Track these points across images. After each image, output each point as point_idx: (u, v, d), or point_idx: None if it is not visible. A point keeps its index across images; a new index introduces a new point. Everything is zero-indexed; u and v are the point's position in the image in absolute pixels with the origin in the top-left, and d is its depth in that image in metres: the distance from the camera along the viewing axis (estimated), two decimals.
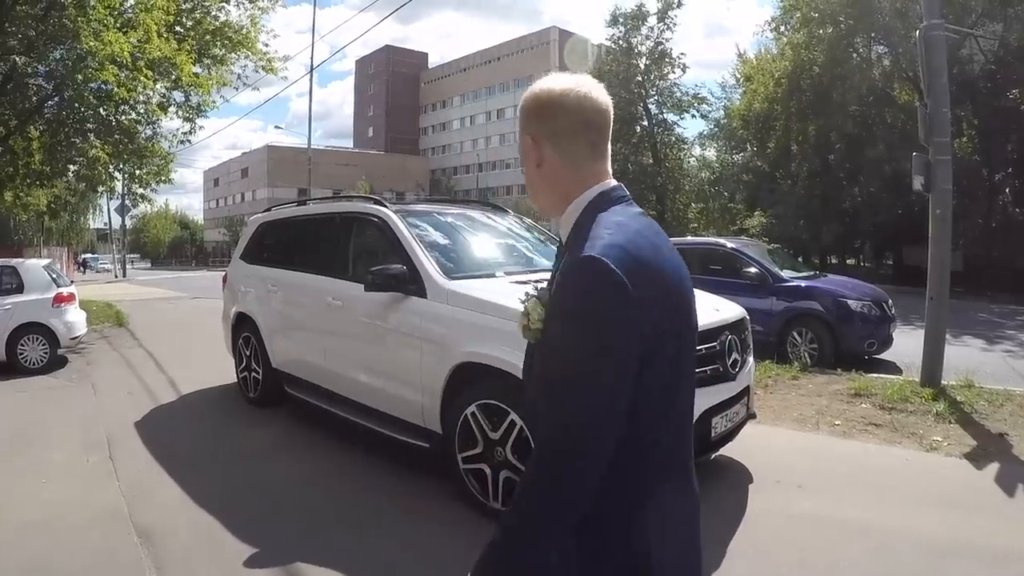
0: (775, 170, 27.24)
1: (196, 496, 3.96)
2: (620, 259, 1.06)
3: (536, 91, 1.25)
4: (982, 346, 10.29)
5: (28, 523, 3.63)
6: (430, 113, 79.54)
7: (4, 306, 8.25)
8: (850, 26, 22.73)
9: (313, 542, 3.40)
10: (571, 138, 1.22)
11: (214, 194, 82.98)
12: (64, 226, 37.88)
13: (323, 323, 5.03)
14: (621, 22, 33.87)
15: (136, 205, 17.24)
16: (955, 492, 4.06)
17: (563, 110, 1.21)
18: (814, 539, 3.40)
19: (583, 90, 1.22)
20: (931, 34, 6.77)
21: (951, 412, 5.56)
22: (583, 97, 1.21)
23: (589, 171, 1.24)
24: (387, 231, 4.53)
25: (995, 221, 21.48)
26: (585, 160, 1.23)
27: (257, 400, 6.05)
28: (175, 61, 12.53)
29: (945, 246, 6.70)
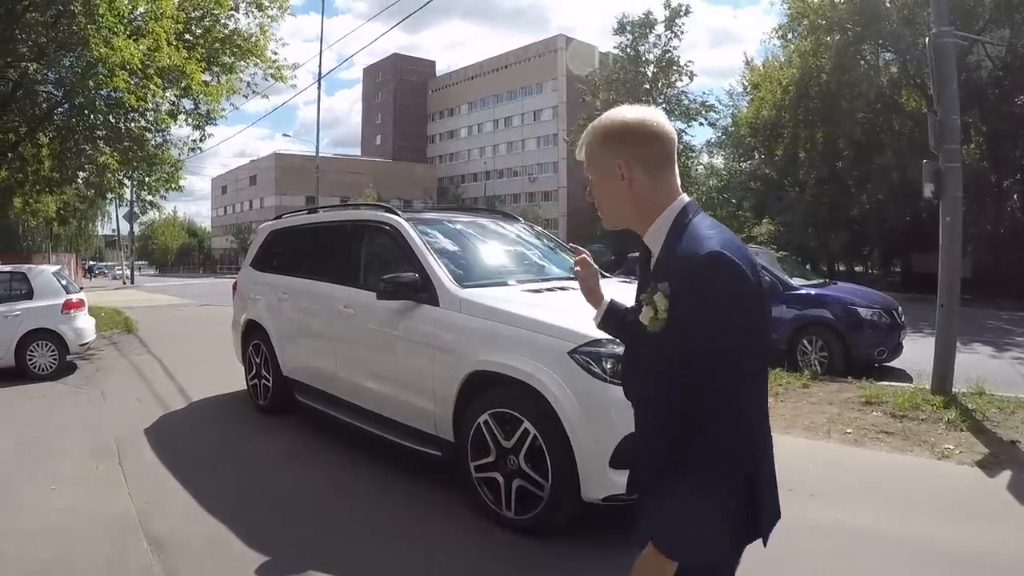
0: (783, 177, 27.17)
1: (207, 504, 3.94)
2: (735, 253, 1.32)
3: (628, 120, 1.47)
4: (991, 353, 10.23)
5: (39, 530, 3.62)
6: (438, 121, 79.75)
7: (14, 312, 8.29)
8: (857, 33, 22.67)
9: (326, 551, 3.38)
10: (664, 163, 1.46)
11: (222, 201, 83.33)
12: (72, 233, 38.12)
13: (334, 331, 5.02)
14: (628, 30, 33.95)
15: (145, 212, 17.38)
16: (969, 500, 4.04)
17: (658, 139, 1.45)
18: (829, 548, 3.37)
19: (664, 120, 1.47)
20: (941, 41, 6.76)
21: (962, 420, 5.52)
22: (668, 128, 1.47)
23: (672, 188, 1.48)
24: (399, 239, 4.53)
25: (1003, 227, 21.36)
26: (671, 179, 1.48)
27: (267, 408, 6.05)
28: (185, 69, 12.61)
29: (955, 254, 6.66)
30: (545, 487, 3.35)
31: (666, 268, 1.39)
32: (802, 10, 24.36)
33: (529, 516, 3.42)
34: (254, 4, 14.61)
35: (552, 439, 3.29)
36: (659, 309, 1.35)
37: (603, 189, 1.50)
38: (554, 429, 3.28)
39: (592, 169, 1.51)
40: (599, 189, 1.51)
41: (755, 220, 28.03)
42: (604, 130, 1.48)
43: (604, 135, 1.48)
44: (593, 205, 1.55)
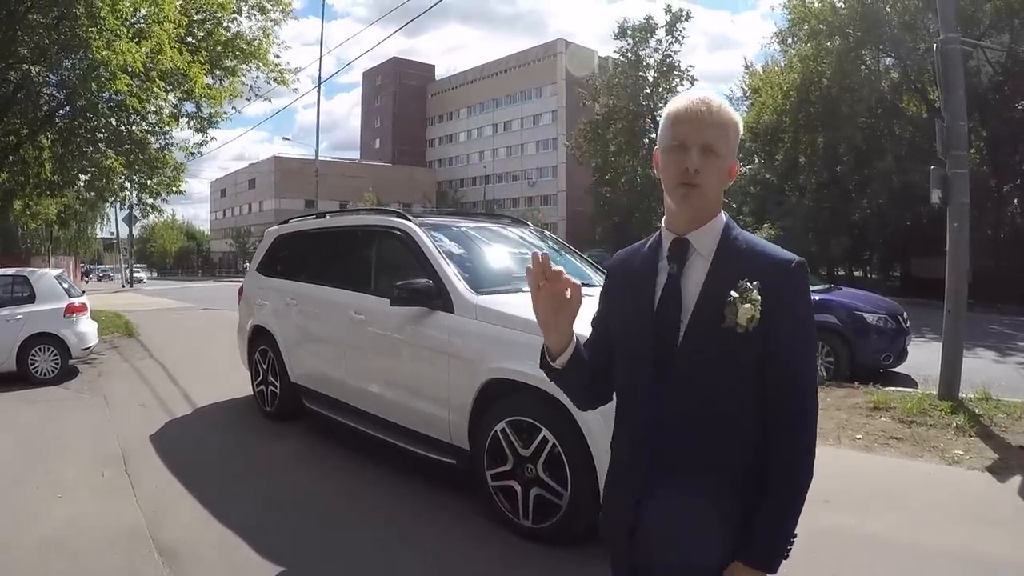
0: (783, 182, 27.22)
1: (217, 513, 3.89)
2: None
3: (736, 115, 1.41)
4: (995, 358, 10.25)
5: (45, 541, 3.54)
6: (437, 125, 79.76)
7: (16, 316, 8.24)
8: (858, 38, 22.76)
9: (338, 559, 3.35)
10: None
11: (221, 205, 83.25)
12: (72, 236, 38.01)
13: (345, 337, 4.98)
14: (629, 34, 34.07)
15: (147, 215, 17.30)
16: (981, 505, 4.04)
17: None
18: (845, 555, 3.36)
19: None
20: (947, 47, 6.77)
21: (971, 425, 5.54)
22: None
23: None
24: (411, 244, 4.49)
25: (1004, 232, 21.44)
26: None
27: (274, 414, 5.99)
28: (187, 72, 12.60)
29: (962, 259, 6.66)
30: (564, 495, 3.32)
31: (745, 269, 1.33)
32: (803, 15, 24.46)
33: (547, 525, 3.39)
34: (256, 7, 14.63)
35: (571, 447, 3.26)
36: (757, 307, 1.31)
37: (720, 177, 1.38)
38: (573, 437, 3.25)
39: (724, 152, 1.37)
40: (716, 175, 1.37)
41: (755, 225, 28.04)
42: (736, 121, 1.40)
43: (736, 128, 1.40)
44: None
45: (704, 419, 1.35)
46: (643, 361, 1.40)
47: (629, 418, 1.46)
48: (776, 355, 1.33)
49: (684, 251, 1.40)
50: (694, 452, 1.36)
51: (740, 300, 1.30)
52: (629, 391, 1.48)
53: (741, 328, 1.30)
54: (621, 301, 1.50)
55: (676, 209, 1.41)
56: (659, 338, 1.38)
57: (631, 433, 1.44)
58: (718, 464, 1.35)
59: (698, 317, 1.35)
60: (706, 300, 1.35)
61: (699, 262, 1.39)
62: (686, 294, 1.38)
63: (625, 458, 1.46)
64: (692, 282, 1.38)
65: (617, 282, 1.55)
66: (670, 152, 1.37)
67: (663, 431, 1.37)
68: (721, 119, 1.35)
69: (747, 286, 1.31)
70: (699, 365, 1.35)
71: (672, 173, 1.37)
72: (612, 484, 1.51)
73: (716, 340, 1.33)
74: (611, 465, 1.53)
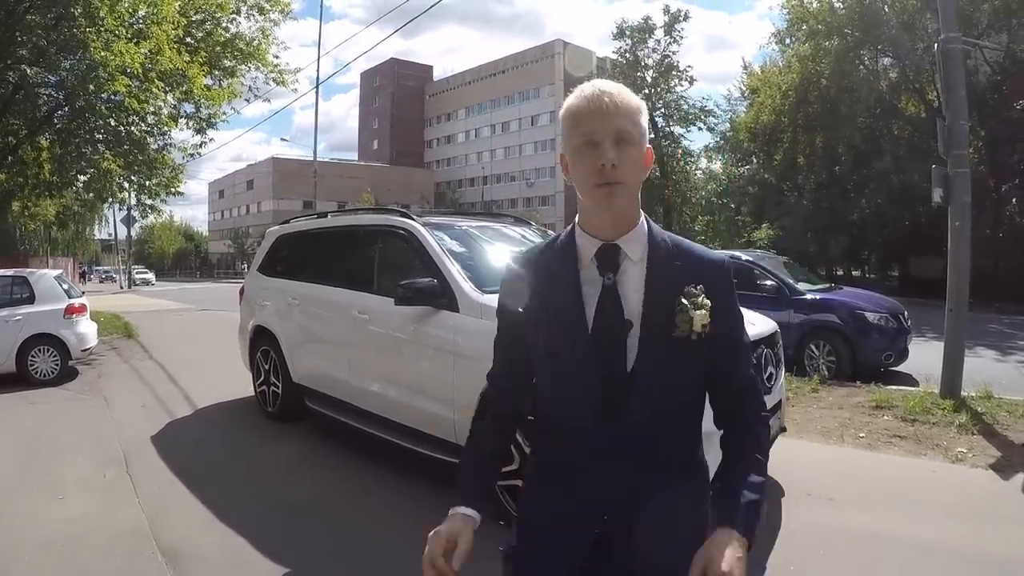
0: (782, 182, 27.23)
1: (221, 514, 3.87)
2: None
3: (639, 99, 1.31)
4: (995, 357, 10.27)
5: (47, 542, 3.53)
6: (435, 126, 79.80)
7: (15, 317, 8.22)
8: (857, 38, 22.78)
9: (342, 560, 3.34)
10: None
11: (219, 206, 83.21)
12: (70, 237, 37.93)
13: (348, 337, 4.96)
14: (628, 35, 34.11)
15: (146, 216, 17.28)
16: (985, 503, 4.05)
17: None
18: (851, 553, 3.36)
19: None
20: (948, 47, 6.78)
21: (973, 423, 5.56)
22: None
23: None
24: (415, 244, 4.48)
25: (1002, 231, 21.46)
26: None
27: (276, 415, 5.97)
28: (186, 73, 12.58)
29: (964, 258, 6.67)
30: None
31: (685, 274, 1.29)
32: (801, 15, 24.49)
33: None
34: (255, 7, 14.60)
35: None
36: (707, 312, 1.27)
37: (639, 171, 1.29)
38: None
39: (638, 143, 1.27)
40: (636, 170, 1.28)
41: (754, 225, 28.13)
42: (642, 108, 1.29)
43: (643, 113, 1.29)
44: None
45: (664, 431, 1.32)
46: (587, 387, 1.29)
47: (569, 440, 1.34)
48: (726, 352, 1.33)
49: (615, 258, 1.30)
50: (656, 463, 1.31)
51: (692, 307, 1.26)
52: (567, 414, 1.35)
53: (695, 335, 1.26)
54: (538, 322, 1.35)
55: (598, 212, 1.30)
56: (603, 358, 1.28)
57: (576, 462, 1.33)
58: (680, 469, 1.36)
59: (648, 329, 1.27)
60: (652, 310, 1.27)
61: (631, 269, 1.30)
62: (628, 306, 1.28)
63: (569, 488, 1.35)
64: (629, 291, 1.29)
65: (524, 298, 1.38)
66: (580, 151, 1.26)
67: (618, 454, 1.29)
68: (627, 105, 1.25)
69: (694, 291, 1.27)
70: (658, 380, 1.28)
71: (587, 173, 1.25)
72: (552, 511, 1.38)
73: (671, 351, 1.27)
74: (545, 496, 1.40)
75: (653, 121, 34.43)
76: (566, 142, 1.29)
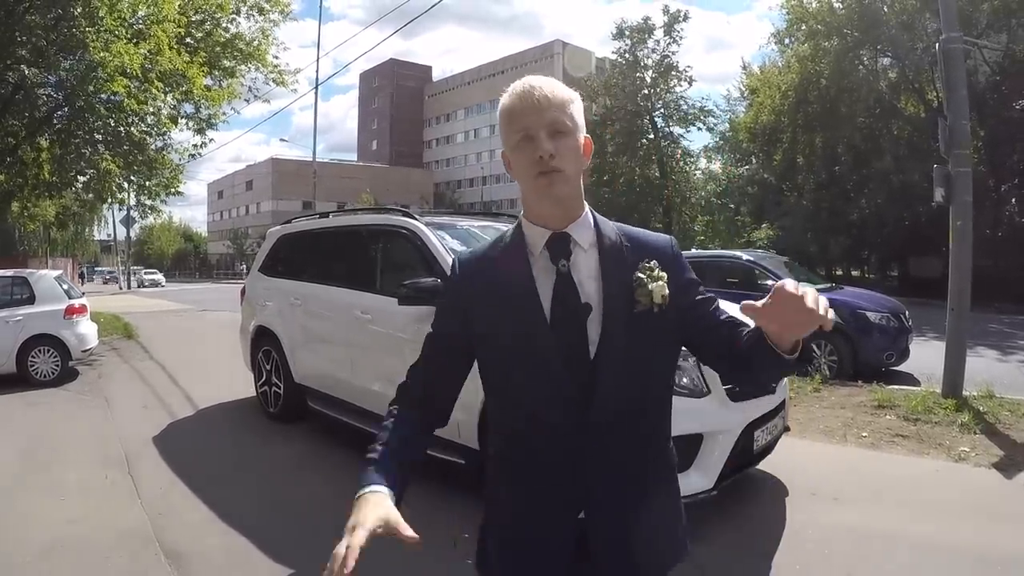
0: (781, 182, 27.24)
1: (224, 515, 3.86)
2: None
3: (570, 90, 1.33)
4: (996, 356, 10.27)
5: (49, 544, 3.51)
6: (434, 126, 79.77)
7: (15, 317, 8.21)
8: (856, 38, 22.78)
9: None
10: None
11: (218, 206, 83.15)
12: (69, 237, 37.94)
13: (351, 337, 4.95)
14: (627, 35, 34.07)
15: (145, 217, 17.27)
16: (989, 502, 4.05)
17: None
18: (857, 552, 3.36)
19: None
20: (950, 47, 6.77)
21: (975, 423, 5.56)
22: None
23: None
24: (417, 243, 4.47)
25: (1002, 231, 21.46)
26: None
27: (277, 415, 5.96)
28: (186, 73, 12.57)
29: (965, 258, 6.66)
30: None
31: (637, 253, 1.32)
32: (801, 15, 24.49)
33: None
34: (255, 8, 14.59)
35: None
36: (666, 282, 1.29)
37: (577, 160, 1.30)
38: None
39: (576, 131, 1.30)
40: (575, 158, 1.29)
41: (754, 225, 28.14)
42: (574, 97, 1.33)
43: (575, 103, 1.32)
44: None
45: (635, 416, 1.31)
46: (553, 376, 1.26)
47: (543, 442, 1.29)
48: (705, 308, 1.35)
49: (566, 245, 1.31)
50: (630, 446, 1.30)
51: (649, 279, 1.28)
52: (539, 416, 1.29)
53: (656, 307, 1.27)
54: (493, 317, 1.32)
55: (540, 202, 1.31)
56: (564, 344, 1.26)
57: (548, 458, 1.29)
58: (654, 449, 1.37)
59: (609, 310, 1.27)
60: (611, 291, 1.28)
61: (582, 256, 1.31)
62: (585, 290, 1.29)
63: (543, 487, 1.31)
64: (584, 277, 1.30)
65: (475, 295, 1.36)
66: (518, 148, 1.28)
67: (591, 443, 1.27)
68: (557, 97, 1.28)
69: (649, 265, 1.29)
70: (623, 361, 1.27)
71: (526, 165, 1.27)
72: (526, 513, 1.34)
73: (633, 329, 1.27)
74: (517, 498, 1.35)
75: (652, 122, 34.46)
76: (505, 141, 1.32)
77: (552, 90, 1.29)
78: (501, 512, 1.40)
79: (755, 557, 3.23)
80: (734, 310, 1.27)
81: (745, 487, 4.08)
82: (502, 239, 1.39)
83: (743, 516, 3.78)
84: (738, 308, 1.15)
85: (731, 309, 1.37)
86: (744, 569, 3.22)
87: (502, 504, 1.39)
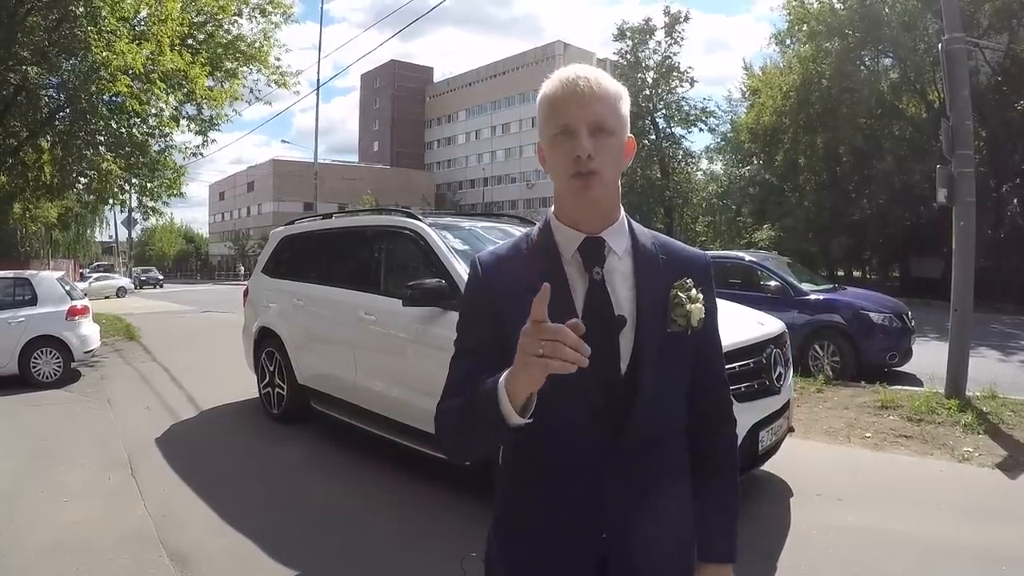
0: (783, 183, 27.20)
1: (228, 517, 3.86)
2: None
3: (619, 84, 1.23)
4: (999, 357, 10.26)
5: (52, 545, 3.51)
6: (435, 127, 79.75)
7: (17, 319, 8.21)
8: (857, 39, 22.74)
9: (353, 563, 3.33)
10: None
11: (219, 208, 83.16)
12: (71, 239, 37.94)
13: (355, 338, 4.94)
14: (628, 36, 34.07)
15: (147, 218, 17.26)
16: (993, 502, 4.07)
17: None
18: (862, 552, 3.36)
19: None
20: (952, 47, 6.76)
21: (979, 423, 5.56)
22: None
23: None
24: (422, 244, 4.46)
25: (1003, 232, 21.42)
26: None
27: (280, 416, 5.95)
28: (188, 74, 12.57)
29: (968, 258, 6.65)
30: None
31: (672, 267, 1.25)
32: (802, 16, 24.46)
33: None
34: (257, 9, 14.60)
35: None
36: (701, 306, 1.23)
37: (618, 161, 1.20)
38: None
39: (619, 131, 1.19)
40: (615, 159, 1.19)
41: (755, 226, 28.09)
42: (620, 95, 1.21)
43: (622, 100, 1.21)
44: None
45: (661, 432, 1.25)
46: (583, 388, 1.15)
47: (567, 458, 1.22)
48: (707, 350, 1.31)
49: (600, 252, 1.21)
50: (653, 471, 1.23)
51: (688, 300, 1.21)
52: (565, 430, 1.20)
53: (692, 330, 1.21)
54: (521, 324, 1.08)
55: (574, 204, 1.21)
56: (596, 357, 1.06)
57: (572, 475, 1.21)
58: (675, 474, 1.28)
59: (643, 325, 1.19)
60: (645, 304, 1.20)
61: (617, 264, 1.22)
62: (618, 301, 1.20)
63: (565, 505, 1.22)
64: (618, 286, 1.21)
65: (500, 297, 1.23)
66: (555, 141, 1.18)
67: (618, 456, 1.20)
68: (605, 91, 1.17)
69: (687, 284, 1.22)
70: (655, 378, 1.20)
71: (563, 164, 1.17)
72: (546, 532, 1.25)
73: (665, 346, 1.21)
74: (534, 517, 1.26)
75: (654, 122, 34.43)
76: (542, 132, 1.22)
77: (599, 82, 1.17)
78: (516, 529, 1.30)
79: (760, 557, 3.22)
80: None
81: (749, 488, 4.07)
82: (527, 239, 1.29)
83: (747, 517, 3.74)
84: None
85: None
86: (749, 570, 3.20)
87: (514, 521, 1.31)
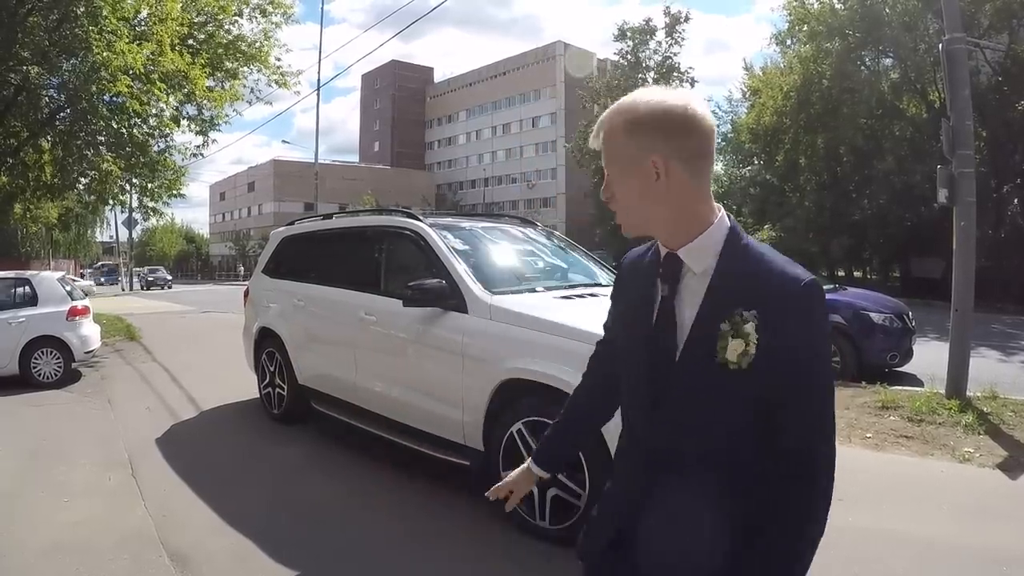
0: (783, 183, 27.23)
1: (228, 516, 3.85)
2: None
3: (669, 105, 1.19)
4: (999, 357, 10.28)
5: (52, 546, 3.50)
6: (436, 128, 79.73)
7: (18, 319, 8.20)
8: (858, 39, 22.77)
9: (353, 563, 3.32)
10: (705, 159, 1.23)
11: (220, 208, 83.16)
12: (71, 239, 37.99)
13: (355, 338, 4.93)
14: (629, 36, 34.08)
15: (148, 219, 17.27)
16: (994, 502, 4.08)
17: (704, 132, 1.20)
18: (863, 552, 3.36)
19: (707, 109, 1.23)
20: (953, 47, 6.76)
21: (980, 423, 5.58)
22: (711, 118, 1.22)
23: (711, 195, 1.25)
24: (422, 245, 4.46)
25: (1004, 232, 21.43)
26: (710, 183, 1.25)
27: (281, 417, 5.95)
28: (188, 74, 12.57)
29: (969, 258, 6.65)
30: (582, 496, 3.30)
31: (746, 294, 1.17)
32: (802, 16, 24.47)
33: (564, 526, 3.36)
34: (258, 10, 14.60)
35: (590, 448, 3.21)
36: (751, 342, 1.14)
37: (629, 188, 1.22)
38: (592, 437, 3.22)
39: (614, 162, 1.23)
40: (623, 187, 1.23)
41: (756, 226, 28.07)
42: (636, 116, 1.19)
43: (635, 123, 1.19)
44: (602, 206, 1.37)
45: (698, 456, 1.23)
46: (638, 387, 1.30)
47: (626, 439, 1.39)
48: (779, 396, 1.17)
49: (676, 270, 1.24)
50: (676, 493, 1.25)
51: (731, 334, 1.15)
52: (627, 413, 1.39)
53: (733, 365, 1.15)
54: (623, 316, 1.41)
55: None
56: (654, 366, 1.25)
57: (627, 455, 1.38)
58: (705, 505, 1.22)
59: (691, 349, 1.21)
60: (701, 330, 1.20)
61: (694, 282, 1.23)
62: (681, 321, 1.23)
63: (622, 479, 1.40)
64: (687, 306, 1.23)
65: (622, 291, 1.43)
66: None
67: (657, 460, 1.27)
68: (604, 135, 1.24)
69: (741, 317, 1.15)
70: (691, 401, 1.22)
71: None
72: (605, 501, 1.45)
73: (709, 375, 1.18)
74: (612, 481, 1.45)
75: None
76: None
77: (601, 127, 1.25)
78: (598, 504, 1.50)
79: None
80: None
81: None
82: (651, 245, 1.36)
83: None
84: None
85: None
86: None
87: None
